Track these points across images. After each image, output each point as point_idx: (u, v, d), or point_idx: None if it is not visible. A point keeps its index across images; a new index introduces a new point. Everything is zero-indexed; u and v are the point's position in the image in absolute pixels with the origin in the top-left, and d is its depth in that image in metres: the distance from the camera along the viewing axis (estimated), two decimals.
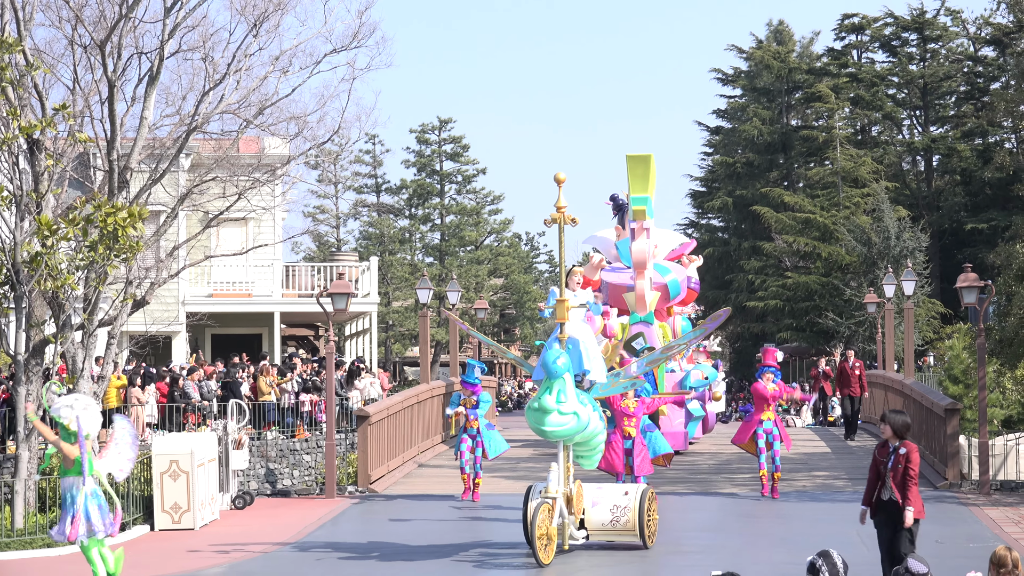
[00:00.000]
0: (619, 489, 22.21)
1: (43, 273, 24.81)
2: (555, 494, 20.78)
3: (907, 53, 78.03)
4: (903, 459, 16.67)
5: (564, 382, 20.58)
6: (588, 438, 21.57)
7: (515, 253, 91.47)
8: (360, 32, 31.96)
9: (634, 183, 32.17)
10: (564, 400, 20.50)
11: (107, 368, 29.21)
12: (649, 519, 21.93)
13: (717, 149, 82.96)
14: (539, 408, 20.57)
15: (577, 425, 20.65)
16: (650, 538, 21.92)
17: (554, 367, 20.50)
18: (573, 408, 20.58)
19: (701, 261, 38.50)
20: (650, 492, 22.18)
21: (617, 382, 22.69)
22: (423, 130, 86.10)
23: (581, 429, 20.81)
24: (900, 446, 16.75)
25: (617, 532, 21.83)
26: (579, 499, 21.62)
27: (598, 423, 21.63)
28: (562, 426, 20.56)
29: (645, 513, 21.70)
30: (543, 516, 20.16)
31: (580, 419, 20.65)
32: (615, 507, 21.76)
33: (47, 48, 30.57)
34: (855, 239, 66.57)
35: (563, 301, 21.36)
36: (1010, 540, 22.31)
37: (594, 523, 21.83)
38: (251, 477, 31.66)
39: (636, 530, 21.64)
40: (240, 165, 33.75)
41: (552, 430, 20.67)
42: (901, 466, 16.67)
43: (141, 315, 33.09)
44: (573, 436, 20.97)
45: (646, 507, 21.77)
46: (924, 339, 62.29)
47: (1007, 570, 11.60)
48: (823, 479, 31.19)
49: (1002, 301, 31.63)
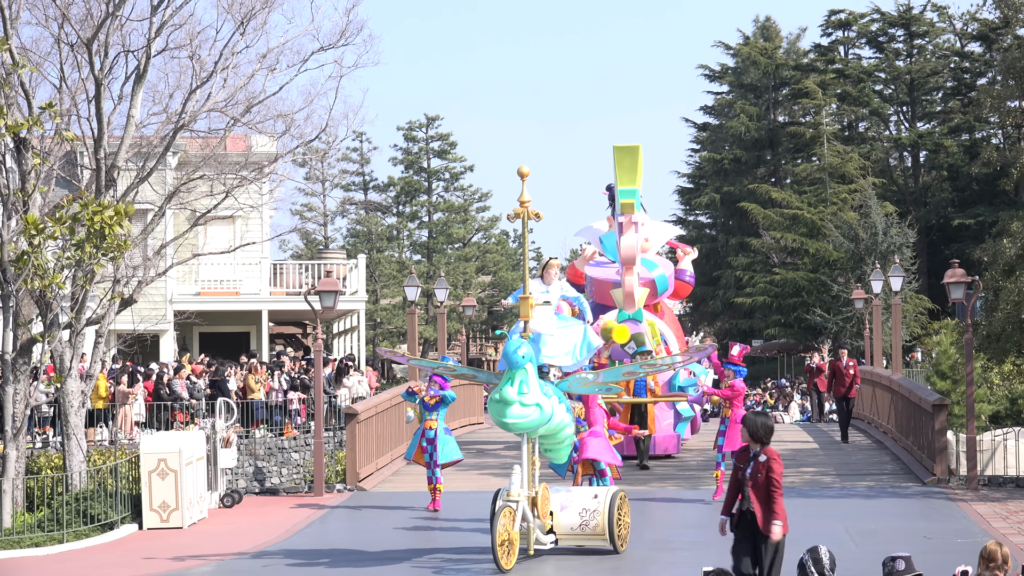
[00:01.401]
0: (588, 492, 21.66)
1: (30, 272, 24.77)
2: (517, 497, 20.22)
3: (894, 49, 78.17)
4: (764, 467, 15.33)
5: (526, 373, 19.99)
6: (554, 431, 21.00)
7: (503, 250, 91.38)
8: (347, 30, 31.95)
9: (622, 175, 30.54)
10: (526, 391, 19.93)
11: (95, 367, 29.17)
12: (620, 522, 21.33)
13: (704, 145, 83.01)
14: (500, 400, 20.01)
15: (540, 417, 20.11)
16: (621, 542, 21.31)
17: (515, 357, 19.92)
18: (536, 400, 20.02)
19: (696, 253, 37.55)
20: (620, 495, 21.54)
21: (590, 383, 21.92)
22: (410, 127, 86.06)
23: (544, 421, 20.27)
24: (761, 452, 15.43)
25: (586, 536, 21.22)
26: (545, 502, 20.99)
27: (564, 416, 20.99)
28: (524, 418, 20.02)
29: (615, 516, 21.10)
30: (504, 520, 19.67)
31: (543, 411, 20.12)
32: (584, 511, 21.16)
33: (34, 47, 30.53)
34: (842, 235, 66.65)
35: (526, 298, 20.92)
36: (998, 535, 22.35)
37: (563, 527, 21.24)
38: (239, 475, 31.63)
39: (605, 534, 21.04)
40: (227, 163, 33.71)
41: (514, 422, 20.11)
42: (762, 475, 15.30)
43: (129, 313, 33.04)
44: (536, 429, 20.41)
45: (616, 510, 21.16)
46: (912, 335, 62.39)
47: (996, 564, 11.62)
48: (811, 475, 31.20)
49: (989, 296, 31.64)
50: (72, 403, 27.66)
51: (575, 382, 21.64)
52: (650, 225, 35.13)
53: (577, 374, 21.80)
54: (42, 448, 32.04)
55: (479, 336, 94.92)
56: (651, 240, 35.18)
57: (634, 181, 30.71)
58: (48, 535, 24.86)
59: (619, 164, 30.45)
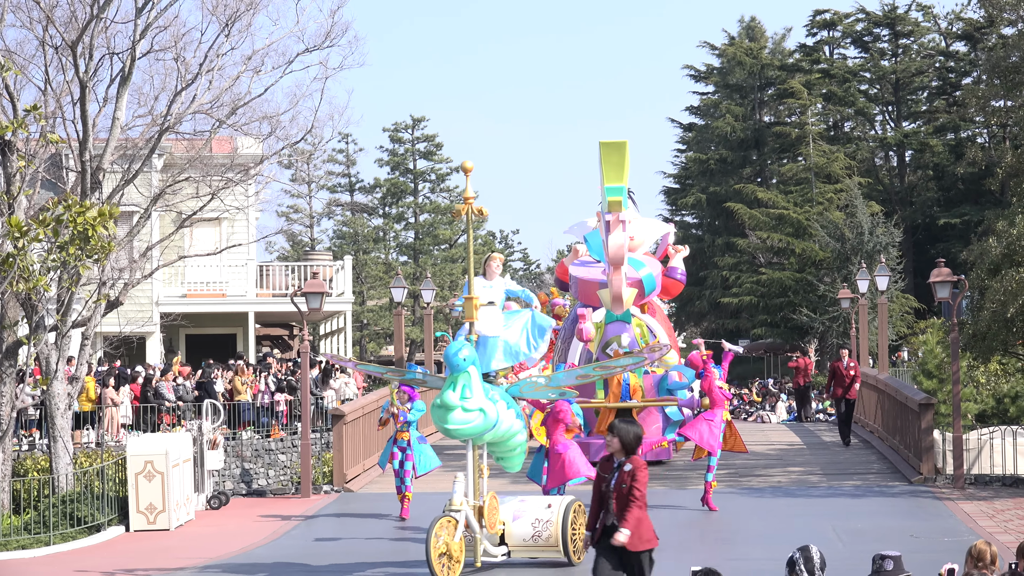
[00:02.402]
0: (542, 502, 20.69)
1: (15, 274, 24.72)
2: (459, 507, 19.46)
3: (879, 49, 78.29)
4: (628, 477, 14.28)
5: (469, 376, 19.08)
6: (504, 438, 20.08)
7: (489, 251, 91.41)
8: (332, 31, 31.95)
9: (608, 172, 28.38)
10: (469, 396, 19.04)
11: (81, 369, 29.14)
12: (575, 534, 20.31)
13: (690, 146, 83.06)
14: (441, 405, 19.07)
15: (483, 423, 19.20)
16: (577, 554, 20.22)
17: (456, 360, 19.05)
18: (479, 405, 19.12)
19: (687, 251, 36.48)
20: (576, 505, 20.50)
21: (541, 387, 21.04)
22: (396, 129, 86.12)
23: (488, 427, 19.33)
24: (626, 462, 14.37)
25: (539, 548, 20.27)
26: (492, 511, 20.10)
27: (514, 422, 20.03)
28: (466, 424, 19.12)
29: (569, 527, 20.14)
30: (442, 532, 18.93)
31: (487, 417, 19.20)
32: (537, 521, 20.23)
33: (18, 49, 30.50)
34: (828, 235, 66.71)
35: (471, 299, 20.20)
36: (984, 534, 22.39)
37: (515, 538, 20.31)
38: (226, 477, 31.61)
39: (559, 546, 20.06)
40: (213, 165, 33.68)
41: (455, 428, 19.19)
42: (626, 486, 14.27)
43: (115, 316, 33.01)
44: (480, 435, 19.47)
45: (571, 521, 20.20)
46: (898, 334, 62.46)
47: (985, 564, 11.62)
48: (798, 475, 31.23)
49: (975, 296, 31.68)
50: (59, 405, 27.62)
51: (526, 386, 20.86)
52: (640, 222, 34.56)
53: (528, 378, 21.07)
54: (28, 450, 32.00)
55: None
56: (642, 237, 34.40)
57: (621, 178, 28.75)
58: (35, 537, 24.83)
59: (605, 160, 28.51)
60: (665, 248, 36.08)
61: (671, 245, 36.01)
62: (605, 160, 28.60)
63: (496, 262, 22.55)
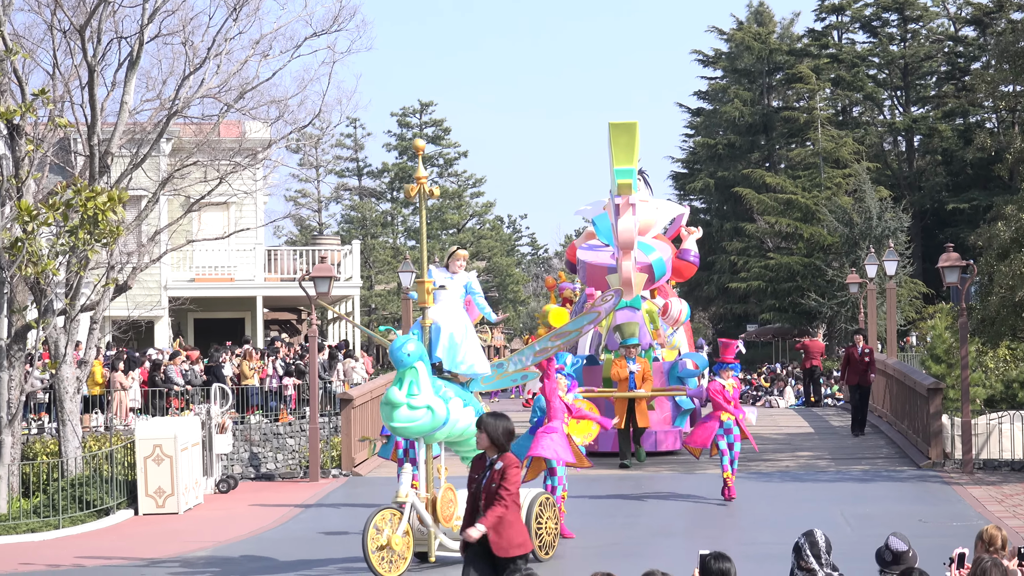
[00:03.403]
0: None
1: (24, 259, 24.76)
2: (404, 499, 18.93)
3: (888, 34, 78.14)
4: (497, 476, 13.33)
5: (416, 372, 18.13)
6: (462, 437, 19.29)
7: (497, 236, 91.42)
8: (340, 15, 31.92)
9: (617, 153, 28.58)
10: (416, 393, 18.12)
11: (89, 353, 29.16)
12: (540, 528, 19.60)
13: (698, 131, 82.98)
14: (386, 402, 18.24)
15: (431, 421, 18.32)
16: (544, 549, 19.58)
17: (399, 355, 18.06)
18: (426, 402, 18.22)
19: (701, 233, 35.58)
20: (542, 498, 19.84)
21: (502, 374, 20.33)
22: (404, 113, 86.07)
23: (437, 425, 18.47)
24: (498, 459, 13.42)
25: None
26: (448, 504, 19.36)
27: (471, 419, 18.89)
28: (412, 422, 18.26)
29: (533, 522, 19.34)
30: (384, 525, 18.44)
31: (435, 414, 18.33)
32: None
33: (26, 33, 30.50)
34: (837, 220, 66.67)
35: (423, 282, 19.31)
36: (993, 519, 22.39)
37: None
38: (235, 461, 31.63)
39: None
40: (221, 149, 33.72)
41: (401, 426, 18.35)
42: (495, 485, 13.32)
43: (123, 300, 33.04)
44: (429, 433, 18.62)
45: (534, 515, 19.45)
46: (906, 319, 62.44)
47: (995, 548, 11.62)
48: (806, 459, 31.23)
49: (984, 280, 31.65)
50: (67, 389, 27.65)
51: (487, 378, 20.06)
52: (654, 203, 33.87)
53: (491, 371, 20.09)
54: (38, 434, 32.05)
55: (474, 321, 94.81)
56: (654, 218, 33.39)
57: (631, 160, 28.94)
58: (44, 521, 24.87)
59: (615, 142, 28.74)
60: (677, 229, 35.34)
61: (684, 226, 35.15)
62: (615, 141, 28.74)
63: (461, 259, 21.50)
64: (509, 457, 13.39)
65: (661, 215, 34.28)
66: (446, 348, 19.24)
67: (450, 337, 19.30)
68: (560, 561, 19.88)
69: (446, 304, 19.88)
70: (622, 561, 19.14)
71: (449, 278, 20.83)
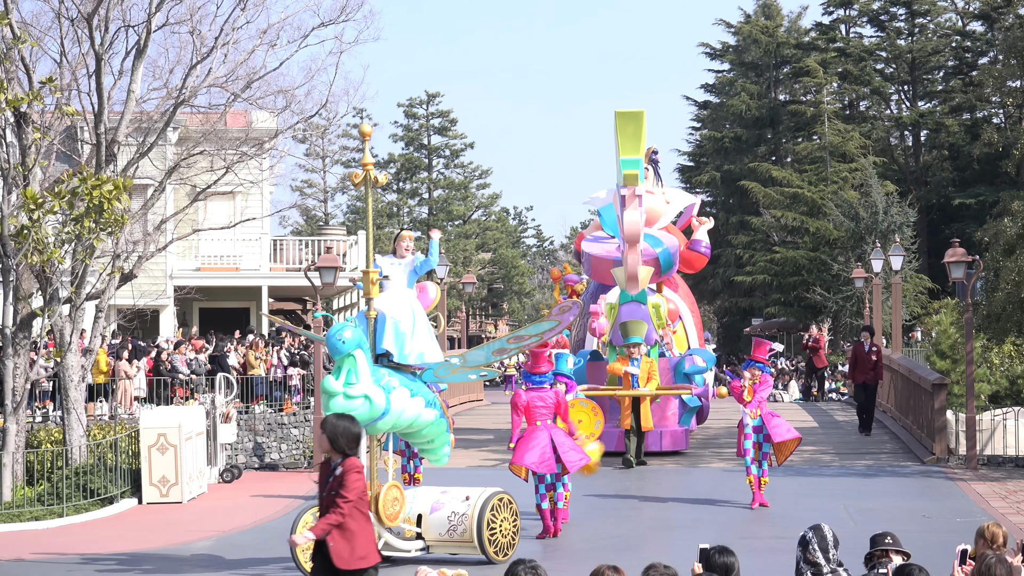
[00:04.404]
0: (462, 493, 19.22)
1: (30, 246, 24.78)
2: None
3: (895, 28, 77.99)
4: (336, 483, 12.44)
5: (354, 360, 17.60)
6: (412, 428, 18.88)
7: (503, 227, 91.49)
8: (348, 5, 31.92)
9: (624, 143, 27.29)
10: (354, 381, 17.59)
11: (94, 342, 29.18)
12: (495, 530, 18.83)
13: (705, 124, 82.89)
14: (323, 391, 17.83)
15: (369, 411, 17.70)
16: (498, 552, 18.80)
17: (333, 342, 17.48)
18: (364, 391, 17.66)
19: (712, 223, 34.63)
20: (498, 497, 19.06)
21: (457, 368, 19.52)
22: (411, 104, 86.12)
23: (376, 416, 17.86)
24: (339, 465, 12.48)
25: (456, 543, 18.84)
26: (393, 503, 18.51)
27: (422, 411, 18.62)
28: (349, 412, 16.99)
29: (486, 523, 18.65)
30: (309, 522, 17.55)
31: (372, 404, 17.74)
32: (453, 514, 18.82)
33: (34, 21, 30.50)
34: (843, 214, 66.60)
35: (368, 273, 18.80)
36: (997, 515, 22.38)
37: (431, 532, 18.97)
38: (239, 451, 31.67)
39: (474, 542, 18.63)
40: (228, 139, 33.70)
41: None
42: (334, 492, 12.48)
43: (129, 289, 33.04)
44: (367, 423, 17.81)
45: (487, 516, 18.71)
46: (912, 314, 62.36)
47: (998, 545, 11.62)
48: (810, 454, 31.22)
49: (990, 276, 31.67)
50: (72, 377, 27.68)
51: (442, 369, 19.23)
52: (664, 192, 33.21)
53: (445, 362, 19.34)
54: (42, 422, 32.08)
55: (479, 313, 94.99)
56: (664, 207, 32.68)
57: (638, 150, 27.78)
58: (48, 509, 24.91)
59: (621, 131, 27.52)
60: (688, 219, 34.74)
61: (695, 216, 34.48)
62: (621, 131, 27.45)
63: (406, 241, 20.39)
64: (351, 462, 12.40)
65: (671, 205, 33.52)
66: (392, 338, 18.67)
67: (395, 326, 18.71)
68: (564, 554, 19.90)
69: (393, 293, 19.24)
70: (625, 554, 19.15)
71: (397, 264, 19.91)
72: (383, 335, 18.59)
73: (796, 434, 24.42)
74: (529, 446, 20.73)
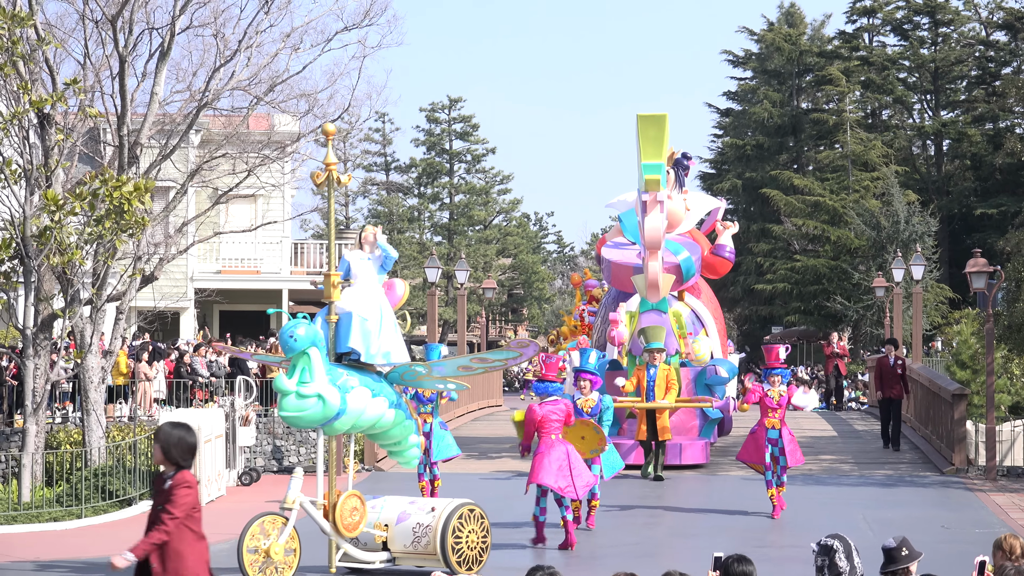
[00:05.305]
0: (428, 504, 18.67)
1: (52, 247, 24.84)
2: (291, 505, 17.76)
3: (919, 37, 77.85)
4: (165, 497, 11.18)
5: (308, 358, 17.27)
6: (379, 429, 18.62)
7: (524, 233, 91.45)
8: (372, 10, 31.94)
9: (646, 147, 26.67)
10: (307, 380, 17.25)
11: (115, 343, 29.25)
12: (460, 543, 18.15)
13: (727, 131, 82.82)
14: (276, 389, 17.60)
15: (320, 411, 17.37)
16: (465, 565, 18.14)
17: (286, 340, 17.21)
18: (317, 390, 17.28)
19: (737, 228, 33.91)
20: (465, 509, 18.37)
21: (423, 376, 19.23)
22: (433, 109, 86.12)
23: (328, 416, 17.51)
24: (171, 477, 11.32)
25: (420, 556, 18.19)
26: (351, 512, 18.09)
27: (384, 411, 18.27)
28: (301, 411, 17.38)
29: (450, 536, 17.99)
30: (264, 532, 17.56)
31: (326, 404, 17.37)
32: (417, 526, 18.20)
33: (58, 23, 30.60)
34: (864, 223, 66.51)
35: (329, 276, 18.39)
36: (1016, 526, 22.32)
37: (396, 543, 18.35)
38: (258, 454, 31.70)
39: (438, 555, 17.95)
40: (250, 142, 33.76)
41: (288, 415, 17.53)
42: (160, 508, 11.24)
43: (150, 291, 33.10)
44: (321, 423, 17.69)
45: (452, 529, 18.03)
46: (932, 324, 62.24)
47: (1016, 556, 11.59)
48: (829, 463, 31.17)
49: (1011, 287, 31.56)
50: (92, 379, 27.74)
51: (408, 374, 18.96)
52: (688, 195, 32.31)
53: (410, 367, 18.95)
54: (62, 423, 32.15)
55: (499, 318, 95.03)
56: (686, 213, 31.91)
57: (660, 154, 27.16)
58: (66, 510, 24.95)
59: (643, 135, 26.94)
60: (713, 223, 34.01)
61: (719, 221, 33.76)
62: (643, 135, 26.83)
63: (371, 235, 19.71)
64: (183, 476, 11.23)
65: (691, 212, 32.61)
66: (360, 336, 18.26)
67: (362, 324, 18.29)
68: (581, 561, 19.90)
69: (360, 289, 18.76)
70: (643, 561, 19.14)
71: (366, 259, 19.30)
72: (349, 333, 18.20)
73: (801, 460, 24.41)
74: (545, 463, 20.38)
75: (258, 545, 17.46)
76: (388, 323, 18.68)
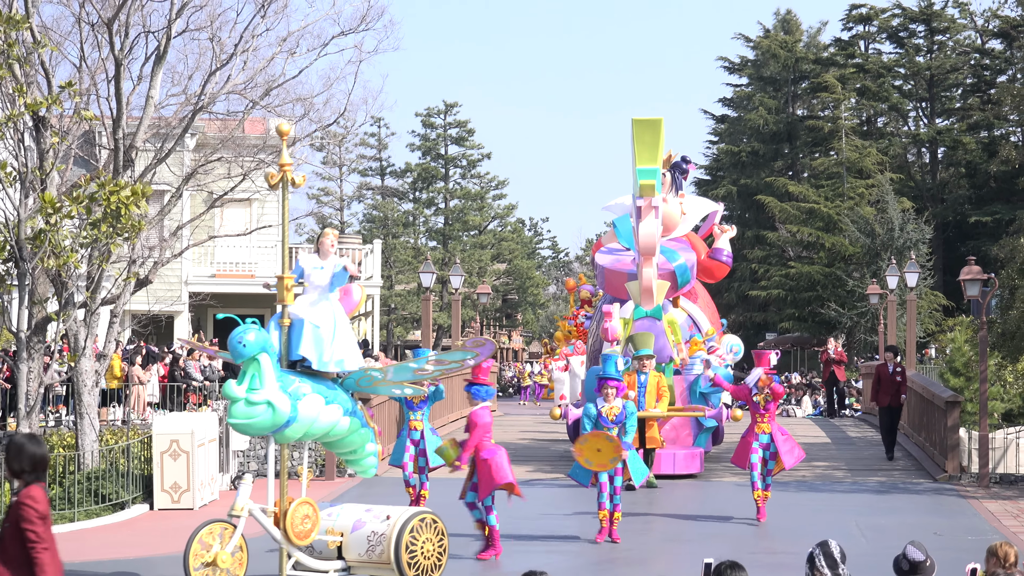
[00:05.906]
0: (382, 513, 18.22)
1: (46, 250, 24.82)
2: (239, 512, 17.40)
3: (914, 45, 78.01)
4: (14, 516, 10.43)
5: (258, 364, 16.98)
6: (334, 437, 18.34)
7: (518, 238, 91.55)
8: (368, 15, 31.92)
9: (641, 152, 25.91)
10: (257, 387, 16.93)
11: (108, 347, 29.23)
12: (415, 553, 17.70)
13: (722, 138, 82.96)
14: (224, 396, 17.30)
15: (270, 419, 17.06)
16: (419, 574, 17.70)
17: (235, 346, 16.90)
18: (267, 397, 16.97)
19: (734, 232, 33.68)
20: (420, 517, 17.94)
21: (379, 381, 18.72)
22: (429, 114, 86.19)
23: (278, 424, 17.18)
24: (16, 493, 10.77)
25: (375, 565, 17.81)
26: (303, 520, 17.66)
27: (339, 418, 17.98)
28: (250, 419, 17.05)
29: (404, 545, 17.57)
30: (212, 540, 17.25)
31: (276, 412, 17.04)
32: (372, 534, 17.84)
33: (54, 25, 30.56)
34: (859, 230, 66.60)
35: (283, 278, 17.90)
36: (1008, 533, 22.35)
37: (351, 552, 17.98)
38: (251, 458, 31.68)
39: (392, 564, 17.55)
40: (245, 146, 33.75)
41: (237, 423, 17.19)
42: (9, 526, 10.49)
43: (144, 294, 33.10)
44: (271, 431, 17.32)
45: (407, 538, 17.62)
46: (926, 331, 62.32)
47: (1010, 564, 11.60)
48: (823, 469, 31.19)
49: (1005, 294, 31.59)
50: (86, 382, 27.71)
51: (363, 380, 18.50)
52: (685, 200, 31.99)
53: (365, 372, 18.54)
54: (55, 427, 32.14)
55: (493, 323, 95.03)
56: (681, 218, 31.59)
57: (655, 159, 26.21)
58: (59, 513, 24.92)
59: (638, 139, 26.07)
60: (710, 227, 33.89)
61: (717, 225, 33.67)
62: (638, 139, 26.17)
63: (329, 238, 19.18)
64: (31, 491, 10.42)
65: (690, 213, 32.35)
66: (311, 343, 17.90)
67: (314, 331, 17.94)
68: (575, 567, 19.89)
69: (313, 296, 18.41)
70: (635, 568, 19.15)
71: (319, 267, 18.82)
72: (300, 340, 17.86)
73: (802, 455, 24.31)
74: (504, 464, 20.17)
75: (207, 560, 17.20)
76: (342, 330, 18.36)
